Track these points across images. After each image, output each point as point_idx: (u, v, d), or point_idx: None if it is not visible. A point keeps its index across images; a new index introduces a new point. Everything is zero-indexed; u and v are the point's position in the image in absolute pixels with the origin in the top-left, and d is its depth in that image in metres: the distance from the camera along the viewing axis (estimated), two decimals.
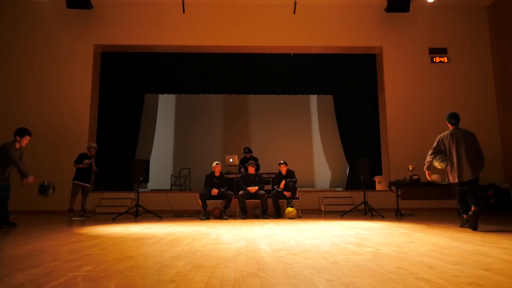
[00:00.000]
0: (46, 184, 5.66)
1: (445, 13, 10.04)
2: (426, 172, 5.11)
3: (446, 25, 10.04)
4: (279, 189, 7.14)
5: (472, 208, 4.49)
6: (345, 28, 9.96)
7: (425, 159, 5.11)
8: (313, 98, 11.78)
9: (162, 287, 1.90)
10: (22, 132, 5.58)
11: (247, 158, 8.58)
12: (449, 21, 10.05)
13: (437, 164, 4.97)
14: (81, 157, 7.36)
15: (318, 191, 9.45)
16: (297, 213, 6.90)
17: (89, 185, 7.48)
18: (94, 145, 7.55)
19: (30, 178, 5.35)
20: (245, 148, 8.93)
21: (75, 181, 7.23)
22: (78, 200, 7.30)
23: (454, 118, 4.97)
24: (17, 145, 5.53)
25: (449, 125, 5.03)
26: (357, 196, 8.79)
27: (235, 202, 7.01)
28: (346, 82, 10.84)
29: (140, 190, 7.66)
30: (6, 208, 5.41)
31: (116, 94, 10.41)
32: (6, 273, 2.25)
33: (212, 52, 10.38)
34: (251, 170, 7.34)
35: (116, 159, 9.92)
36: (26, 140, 5.59)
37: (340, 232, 4.34)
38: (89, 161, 7.36)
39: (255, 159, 8.10)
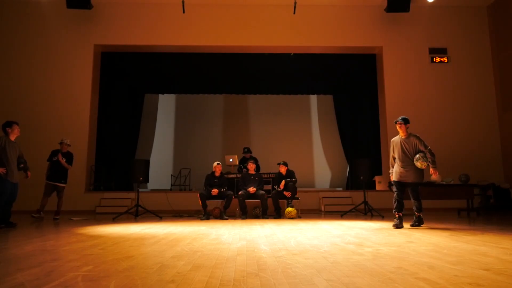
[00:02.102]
0: None
1: (445, 13, 10.04)
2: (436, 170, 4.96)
3: (446, 25, 10.04)
4: (279, 189, 7.14)
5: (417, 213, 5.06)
6: (345, 28, 9.96)
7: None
8: (313, 98, 11.77)
9: (162, 287, 1.90)
10: (8, 123, 5.54)
11: (247, 158, 8.58)
12: (449, 21, 10.05)
13: (422, 163, 4.86)
14: (53, 154, 6.94)
15: (318, 191, 9.45)
16: (297, 213, 6.90)
17: (62, 185, 6.93)
18: (66, 141, 7.04)
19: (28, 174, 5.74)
20: (244, 148, 8.92)
21: (47, 181, 6.83)
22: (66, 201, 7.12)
23: None
24: (12, 138, 5.52)
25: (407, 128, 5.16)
26: (357, 196, 8.79)
27: (235, 202, 7.01)
28: (346, 82, 10.84)
29: (140, 190, 7.65)
30: (9, 209, 5.43)
31: (116, 94, 10.40)
32: (7, 273, 2.25)
33: (212, 52, 10.38)
34: (251, 167, 7.36)
35: (116, 159, 9.91)
36: (16, 128, 5.55)
37: (340, 232, 4.34)
38: (56, 158, 6.84)
39: (255, 159, 8.11)
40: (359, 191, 8.87)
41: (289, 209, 6.74)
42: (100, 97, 10.05)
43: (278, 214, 6.97)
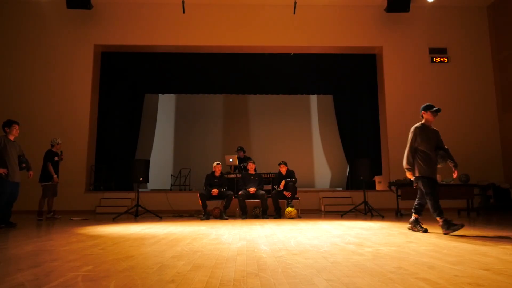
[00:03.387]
0: None
1: (445, 13, 10.04)
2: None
3: (446, 25, 10.04)
4: (279, 189, 7.14)
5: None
6: (345, 28, 9.96)
7: None
8: (313, 98, 11.77)
9: (162, 287, 1.90)
10: (8, 123, 5.56)
11: (241, 157, 8.60)
12: (449, 21, 10.05)
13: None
14: (50, 155, 7.12)
15: (318, 191, 9.45)
16: (297, 213, 6.90)
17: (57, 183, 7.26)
18: (60, 140, 7.35)
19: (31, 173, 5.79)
20: (238, 147, 8.92)
21: (51, 182, 6.99)
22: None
23: None
24: (11, 138, 5.54)
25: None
26: (357, 196, 8.79)
27: (235, 202, 7.01)
28: (346, 82, 10.84)
29: (140, 190, 7.66)
30: (10, 209, 5.43)
31: (116, 94, 10.41)
32: (7, 273, 2.25)
33: (212, 52, 10.39)
34: (251, 167, 7.36)
35: (116, 159, 9.91)
36: (15, 129, 5.57)
37: (340, 232, 4.34)
38: (60, 157, 7.21)
39: (249, 159, 8.12)
40: (359, 191, 8.87)
41: (289, 209, 6.74)
42: (100, 97, 10.05)
43: (278, 214, 6.97)
